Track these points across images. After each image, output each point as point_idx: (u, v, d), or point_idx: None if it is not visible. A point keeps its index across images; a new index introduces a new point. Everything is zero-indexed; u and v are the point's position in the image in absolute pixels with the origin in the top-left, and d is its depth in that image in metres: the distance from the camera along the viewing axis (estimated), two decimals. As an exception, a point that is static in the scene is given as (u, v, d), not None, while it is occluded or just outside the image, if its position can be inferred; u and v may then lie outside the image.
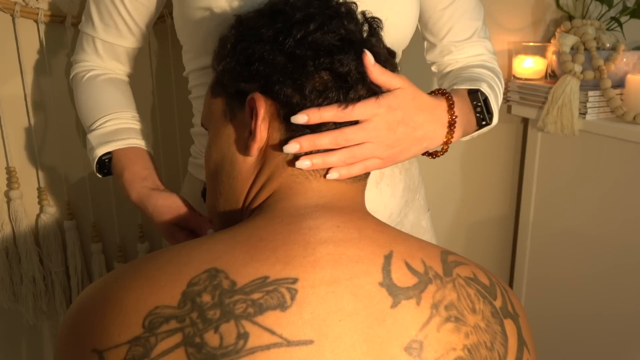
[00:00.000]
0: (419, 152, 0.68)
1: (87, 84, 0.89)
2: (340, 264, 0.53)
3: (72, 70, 0.92)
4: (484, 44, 0.92)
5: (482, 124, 0.79)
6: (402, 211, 0.94)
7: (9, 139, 1.14)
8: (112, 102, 0.87)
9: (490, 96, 0.80)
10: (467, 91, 0.79)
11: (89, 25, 0.87)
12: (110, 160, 0.83)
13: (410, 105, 0.63)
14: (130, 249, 1.30)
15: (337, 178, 0.59)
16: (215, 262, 0.52)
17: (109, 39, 0.87)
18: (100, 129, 0.84)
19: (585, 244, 1.50)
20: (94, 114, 0.85)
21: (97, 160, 0.83)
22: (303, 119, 0.57)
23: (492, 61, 0.93)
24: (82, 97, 0.89)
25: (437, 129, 0.68)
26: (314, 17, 0.59)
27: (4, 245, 1.17)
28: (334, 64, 0.58)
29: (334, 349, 0.49)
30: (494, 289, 0.58)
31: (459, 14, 0.89)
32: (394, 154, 0.64)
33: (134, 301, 0.50)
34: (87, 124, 0.86)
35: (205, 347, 0.47)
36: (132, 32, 0.87)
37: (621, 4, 1.51)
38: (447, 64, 0.93)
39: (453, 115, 0.69)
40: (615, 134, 1.38)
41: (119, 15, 0.85)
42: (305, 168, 0.59)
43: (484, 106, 0.78)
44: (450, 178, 1.63)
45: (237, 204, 0.63)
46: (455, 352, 0.52)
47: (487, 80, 0.84)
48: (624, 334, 1.44)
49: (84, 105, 0.88)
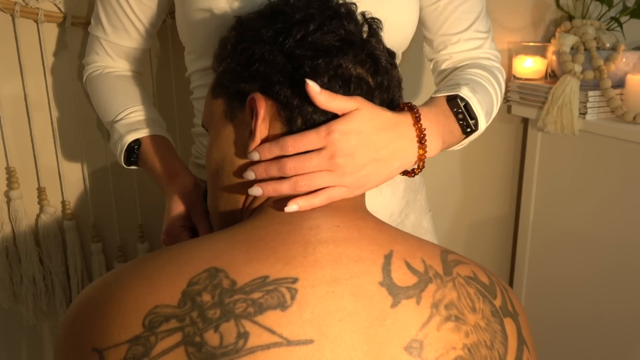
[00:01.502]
0: (393, 172, 0.63)
1: (104, 79, 0.91)
2: (340, 264, 0.53)
3: (85, 72, 0.94)
4: (483, 37, 0.88)
5: (467, 131, 0.74)
6: (403, 212, 0.94)
7: (9, 139, 1.14)
8: (132, 96, 0.89)
9: (472, 100, 0.74)
10: (445, 99, 0.74)
11: (99, 28, 0.90)
12: (139, 147, 0.85)
13: (367, 127, 0.59)
14: (130, 249, 1.30)
15: (296, 210, 0.57)
16: (215, 261, 0.52)
17: (117, 41, 0.90)
18: (126, 119, 0.86)
19: (586, 244, 1.50)
20: (117, 107, 0.87)
21: (126, 147, 0.84)
22: (255, 157, 0.58)
23: (491, 56, 0.88)
24: (99, 92, 0.91)
25: (405, 146, 0.63)
26: (314, 17, 0.59)
27: (4, 245, 1.17)
28: (339, 68, 0.58)
29: (334, 349, 0.49)
30: (494, 288, 0.58)
31: (455, 6, 0.85)
32: (358, 180, 0.60)
33: (133, 300, 0.50)
34: (110, 117, 0.87)
35: (205, 347, 0.47)
36: (140, 33, 0.89)
37: (621, 4, 1.51)
38: (443, 60, 0.89)
39: (421, 129, 0.64)
40: (615, 134, 1.38)
41: (126, 17, 0.87)
42: (258, 195, 0.59)
43: (466, 112, 0.73)
44: (450, 178, 1.63)
45: (238, 203, 0.63)
46: (455, 351, 0.52)
47: (472, 81, 0.79)
48: (624, 334, 1.44)
49: (103, 99, 0.90)
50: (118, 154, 0.86)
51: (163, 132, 0.88)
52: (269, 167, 0.58)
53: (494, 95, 0.81)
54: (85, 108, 1.16)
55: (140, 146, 0.85)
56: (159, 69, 1.23)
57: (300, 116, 0.58)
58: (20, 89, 1.12)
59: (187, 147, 1.02)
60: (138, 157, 0.85)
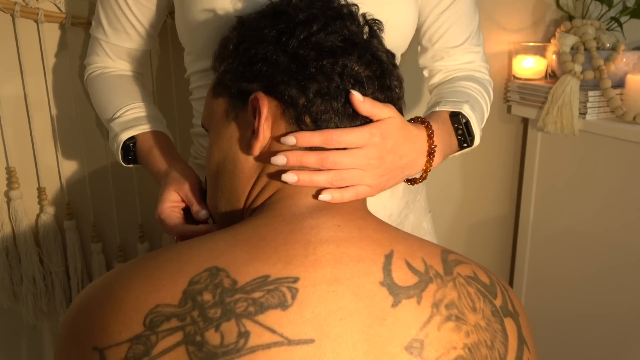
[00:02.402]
0: (401, 180, 0.69)
1: (103, 78, 0.91)
2: (341, 263, 0.53)
3: (86, 72, 0.94)
4: (476, 50, 0.93)
5: (463, 145, 0.80)
6: (403, 212, 0.94)
7: (9, 139, 1.14)
8: (130, 94, 0.89)
9: (472, 119, 0.80)
10: (448, 114, 0.79)
11: (99, 30, 0.90)
12: (135, 144, 0.84)
13: (398, 135, 0.63)
14: (130, 249, 1.30)
15: (328, 200, 0.59)
16: (216, 260, 0.52)
17: (118, 42, 0.90)
18: (123, 117, 0.85)
19: (586, 244, 1.50)
20: (115, 105, 0.87)
21: (121, 145, 0.83)
22: (292, 141, 0.58)
23: (482, 69, 0.93)
24: (99, 92, 0.91)
25: (417, 158, 0.68)
26: (317, 17, 0.59)
27: (4, 245, 1.17)
28: (345, 69, 0.58)
29: (335, 348, 0.49)
30: (494, 288, 0.58)
31: (453, 20, 0.89)
32: (382, 183, 0.64)
33: (134, 299, 0.50)
34: (108, 116, 0.87)
35: (206, 346, 0.47)
36: (140, 35, 0.89)
37: (621, 4, 1.51)
38: (438, 70, 0.93)
39: (432, 145, 0.69)
40: (615, 134, 1.38)
41: (125, 19, 0.87)
42: (291, 182, 0.58)
43: (465, 129, 0.79)
44: (450, 178, 1.63)
45: (239, 203, 0.63)
46: (456, 351, 0.52)
47: (471, 97, 0.84)
48: (624, 333, 1.44)
49: (102, 98, 0.90)
50: (115, 152, 0.85)
51: (162, 127, 0.87)
52: (305, 156, 0.58)
53: (485, 109, 0.88)
54: (85, 108, 1.16)
55: (135, 144, 0.84)
56: (159, 69, 1.23)
57: (308, 115, 0.58)
58: (20, 89, 1.12)
59: (186, 148, 1.02)
60: (136, 155, 0.85)
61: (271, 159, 0.59)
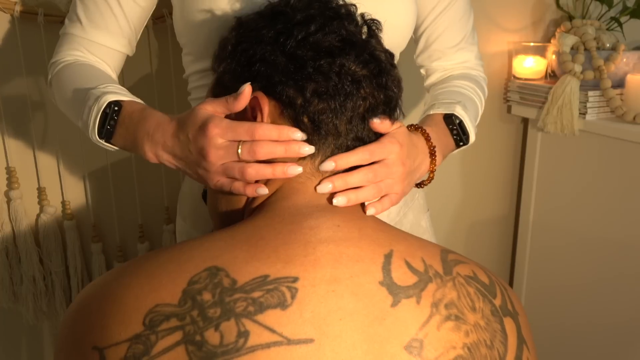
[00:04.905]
0: (415, 182, 0.72)
1: (79, 66, 0.82)
2: (341, 263, 0.53)
3: (52, 69, 0.83)
4: (471, 49, 0.95)
5: (459, 144, 0.83)
6: (401, 211, 0.94)
7: (9, 139, 1.14)
8: (110, 79, 0.80)
9: (465, 118, 0.82)
10: (442, 116, 0.82)
11: (76, 25, 0.82)
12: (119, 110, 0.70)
13: (408, 141, 0.67)
14: (130, 249, 1.30)
15: (373, 214, 0.62)
16: (215, 260, 0.52)
17: (98, 40, 0.82)
18: (104, 88, 0.73)
19: (586, 244, 1.50)
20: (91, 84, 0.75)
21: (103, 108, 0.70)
22: (331, 166, 0.59)
23: (477, 67, 0.96)
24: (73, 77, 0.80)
25: (424, 160, 0.72)
26: (315, 18, 0.59)
27: (4, 245, 1.17)
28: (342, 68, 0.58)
29: (334, 348, 0.49)
30: (494, 288, 0.58)
31: (450, 21, 0.91)
32: (405, 187, 0.67)
33: (134, 299, 0.50)
34: (82, 95, 0.75)
35: (205, 345, 0.47)
36: (124, 35, 0.83)
37: (621, 4, 1.51)
38: (435, 70, 0.96)
39: (432, 146, 0.73)
40: (615, 134, 1.38)
41: (112, 15, 0.81)
42: (342, 205, 0.59)
43: (460, 129, 0.82)
44: (450, 178, 1.63)
45: (239, 203, 0.63)
46: (455, 350, 0.52)
47: (464, 96, 0.87)
48: (624, 333, 1.44)
49: (77, 82, 0.78)
50: (92, 120, 0.71)
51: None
52: (347, 178, 0.60)
53: (480, 106, 0.92)
54: (85, 108, 1.16)
55: (121, 109, 0.70)
56: (159, 69, 1.23)
57: (306, 115, 0.58)
58: (20, 89, 1.13)
59: (187, 147, 1.02)
60: (115, 124, 0.70)
61: (317, 188, 0.59)
